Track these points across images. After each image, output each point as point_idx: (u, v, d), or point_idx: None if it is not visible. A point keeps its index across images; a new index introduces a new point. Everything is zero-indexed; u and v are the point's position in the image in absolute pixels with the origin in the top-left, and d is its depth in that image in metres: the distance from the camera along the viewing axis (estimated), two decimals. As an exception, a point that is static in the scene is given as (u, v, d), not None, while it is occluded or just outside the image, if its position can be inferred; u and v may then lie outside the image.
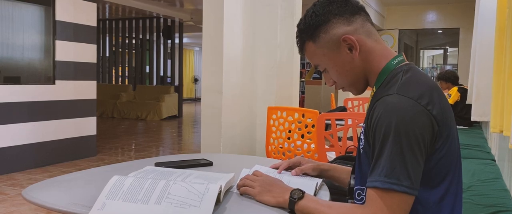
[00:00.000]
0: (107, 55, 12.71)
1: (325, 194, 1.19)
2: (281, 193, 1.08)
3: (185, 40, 16.01)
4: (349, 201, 1.19)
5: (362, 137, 1.11)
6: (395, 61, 1.11)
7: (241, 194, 1.14)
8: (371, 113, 1.03)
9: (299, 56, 4.26)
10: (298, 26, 1.18)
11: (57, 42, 5.15)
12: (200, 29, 11.39)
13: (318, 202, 1.04)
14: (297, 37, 1.19)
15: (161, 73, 12.03)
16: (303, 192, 1.06)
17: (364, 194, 1.11)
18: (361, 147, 1.11)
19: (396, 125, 0.96)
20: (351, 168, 1.27)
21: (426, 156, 1.00)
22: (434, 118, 0.99)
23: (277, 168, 1.37)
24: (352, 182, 1.18)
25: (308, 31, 1.14)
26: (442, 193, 1.04)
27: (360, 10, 1.13)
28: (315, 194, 1.17)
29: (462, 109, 5.11)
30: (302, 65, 14.84)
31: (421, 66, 12.46)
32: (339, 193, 1.35)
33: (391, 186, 0.95)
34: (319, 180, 1.24)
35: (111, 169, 1.37)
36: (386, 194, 0.96)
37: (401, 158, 0.95)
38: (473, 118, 2.97)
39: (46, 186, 1.18)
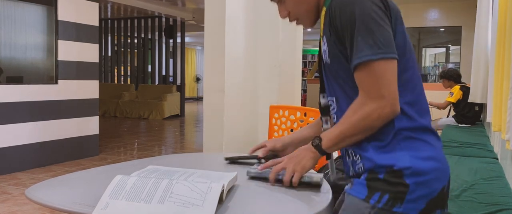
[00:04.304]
0: (109, 54, 12.73)
1: (327, 195, 1.19)
2: (308, 152, 1.17)
3: (187, 39, 16.01)
4: (323, 118, 1.28)
5: (325, 47, 1.16)
6: None
7: (283, 184, 1.18)
8: (332, 14, 1.09)
9: (301, 55, 4.26)
10: None
11: (60, 42, 5.16)
12: (202, 28, 11.39)
13: (333, 131, 1.13)
14: None
15: (163, 73, 12.04)
16: (318, 137, 1.15)
17: (335, 104, 1.20)
18: (326, 58, 1.17)
19: (361, 6, 1.04)
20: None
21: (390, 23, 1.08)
22: (381, 1, 1.08)
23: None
24: (322, 100, 1.27)
25: None
26: (404, 64, 1.11)
27: None
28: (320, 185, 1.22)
29: (464, 107, 5.10)
30: (304, 64, 14.83)
31: (423, 64, 12.44)
32: (341, 191, 1.35)
33: (367, 57, 1.03)
34: (320, 175, 1.25)
35: (113, 169, 1.37)
36: (365, 68, 1.04)
37: (368, 33, 1.03)
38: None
39: (49, 186, 1.18)
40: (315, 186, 1.21)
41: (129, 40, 12.12)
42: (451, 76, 5.35)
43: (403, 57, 1.11)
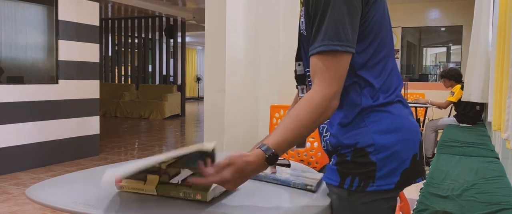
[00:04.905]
0: (110, 54, 12.73)
1: (327, 196, 1.19)
2: (258, 167, 1.00)
3: (187, 39, 16.01)
4: (299, 86, 1.24)
5: (303, 20, 1.14)
6: None
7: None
8: None
9: (301, 54, 4.26)
10: None
11: (60, 41, 5.17)
12: (203, 28, 11.38)
13: (283, 136, 1.01)
14: None
15: (164, 73, 12.04)
16: (269, 148, 1.00)
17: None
18: (303, 30, 1.15)
19: None
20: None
21: (364, 11, 1.05)
22: None
23: None
24: (298, 68, 1.23)
25: None
26: (371, 53, 1.09)
27: None
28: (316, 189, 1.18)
29: (465, 106, 5.10)
30: (305, 64, 14.82)
31: (424, 64, 12.43)
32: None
33: (335, 47, 1.00)
34: (314, 181, 1.24)
35: (112, 168, 1.38)
36: (331, 57, 1.01)
37: (342, 21, 1.00)
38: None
39: (49, 185, 1.18)
40: (309, 191, 1.20)
41: (129, 40, 12.13)
42: (452, 76, 5.34)
43: (378, 36, 1.09)
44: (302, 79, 1.23)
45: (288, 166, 1.45)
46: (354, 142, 1.07)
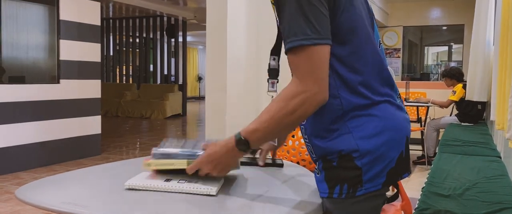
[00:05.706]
0: (111, 54, 12.74)
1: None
2: (230, 154, 1.09)
3: (188, 38, 16.00)
4: (270, 80, 1.27)
5: (275, 14, 1.10)
6: None
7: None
8: None
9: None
10: None
11: (61, 41, 5.17)
12: (204, 28, 11.35)
13: (260, 128, 1.04)
14: None
15: (165, 72, 12.05)
16: (243, 139, 1.05)
17: None
18: (278, 25, 1.12)
19: None
20: None
21: (330, 8, 1.00)
22: None
23: None
24: (273, 62, 1.25)
25: None
26: (354, 48, 1.06)
27: None
28: None
29: (467, 106, 5.09)
30: (306, 63, 14.81)
31: (425, 63, 12.42)
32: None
33: (300, 42, 0.96)
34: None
35: (102, 169, 1.39)
36: (300, 52, 0.98)
37: (302, 14, 0.96)
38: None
39: (40, 185, 1.17)
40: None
41: (130, 40, 12.13)
42: (454, 75, 5.33)
43: (355, 32, 1.05)
44: (275, 74, 1.24)
45: (281, 165, 1.45)
46: (339, 148, 1.05)
